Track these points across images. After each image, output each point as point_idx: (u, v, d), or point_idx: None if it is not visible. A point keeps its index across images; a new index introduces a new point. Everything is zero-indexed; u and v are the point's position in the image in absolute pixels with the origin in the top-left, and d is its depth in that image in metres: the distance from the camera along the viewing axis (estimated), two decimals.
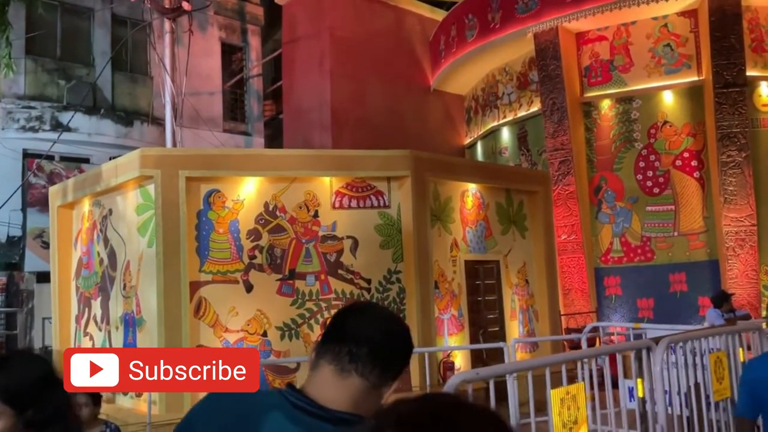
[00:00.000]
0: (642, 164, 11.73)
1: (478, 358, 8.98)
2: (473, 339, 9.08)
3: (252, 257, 7.59)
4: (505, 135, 14.13)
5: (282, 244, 7.71)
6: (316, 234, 7.84)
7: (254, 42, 16.49)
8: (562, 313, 11.53)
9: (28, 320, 11.14)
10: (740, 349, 4.47)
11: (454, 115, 16.07)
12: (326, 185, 7.99)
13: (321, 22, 13.82)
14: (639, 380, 3.87)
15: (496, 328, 9.46)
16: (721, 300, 7.67)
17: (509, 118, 13.90)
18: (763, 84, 11.30)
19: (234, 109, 16.38)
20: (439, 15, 15.39)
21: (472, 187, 9.38)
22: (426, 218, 8.29)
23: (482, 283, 9.49)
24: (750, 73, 11.06)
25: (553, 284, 10.20)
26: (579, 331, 10.19)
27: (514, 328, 9.67)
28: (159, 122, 13.73)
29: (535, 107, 12.96)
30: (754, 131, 11.08)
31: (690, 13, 11.38)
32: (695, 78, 11.36)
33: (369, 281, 7.94)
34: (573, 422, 3.30)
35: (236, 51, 16.51)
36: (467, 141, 15.93)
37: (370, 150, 8.72)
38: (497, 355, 9.07)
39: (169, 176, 7.24)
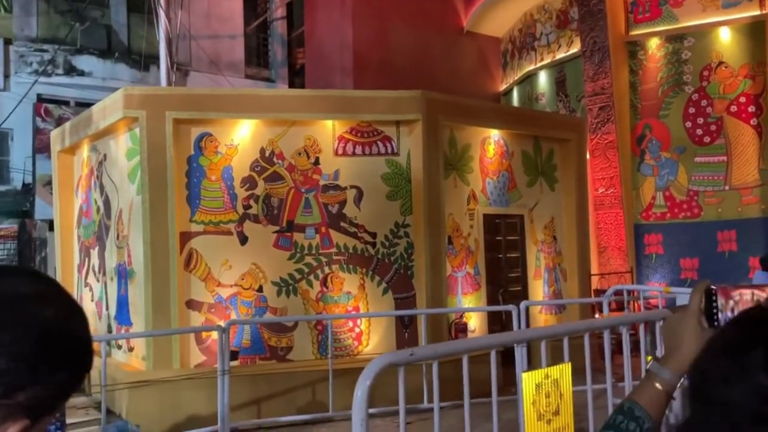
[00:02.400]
0: (692, 110, 10.57)
1: (496, 319, 8.33)
2: (491, 299, 8.40)
3: (247, 207, 7.04)
4: (543, 80, 13.04)
5: (279, 193, 7.12)
6: (316, 183, 7.21)
7: None
8: (594, 272, 10.71)
9: (42, 269, 11.02)
10: None
11: (489, 60, 14.99)
12: (328, 130, 7.31)
13: None
14: (649, 358, 3.13)
15: (518, 288, 8.73)
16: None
17: (547, 60, 12.80)
18: None
19: (258, 55, 15.72)
20: None
21: (494, 134, 8.53)
22: (439, 167, 7.54)
23: (504, 239, 8.73)
24: None
25: (584, 241, 9.34)
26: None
27: (539, 288, 8.92)
28: (180, 67, 13.20)
29: (575, 48, 11.83)
30: None
31: None
32: (757, 12, 10.02)
33: (374, 235, 7.31)
34: (553, 413, 2.62)
35: None
36: (503, 87, 14.88)
37: (376, 90, 7.95)
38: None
39: (154, 118, 6.69)
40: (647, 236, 10.95)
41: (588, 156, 11.11)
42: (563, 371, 2.66)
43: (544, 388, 2.54)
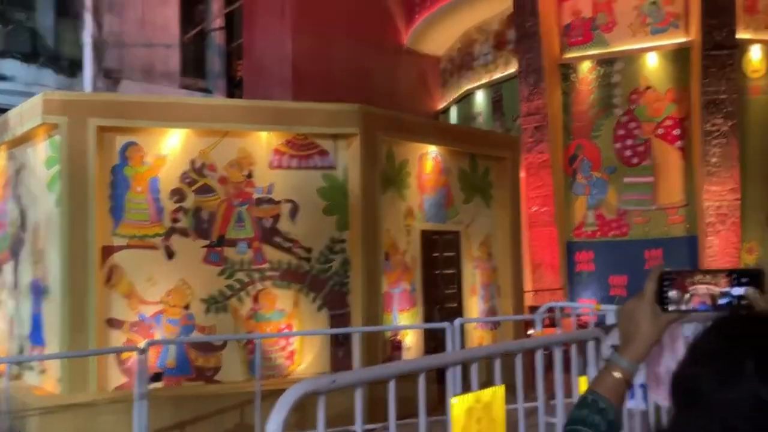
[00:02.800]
0: (621, 132, 10.94)
1: (432, 336, 8.26)
2: (427, 315, 8.34)
3: (175, 220, 6.73)
4: (480, 99, 13.26)
5: (210, 206, 6.85)
6: (250, 196, 6.98)
7: None
8: (530, 289, 10.86)
9: None
10: None
11: (429, 78, 15.15)
12: (263, 142, 7.11)
13: None
14: (582, 378, 3.10)
15: (454, 305, 8.72)
16: None
17: (485, 80, 13.02)
18: (754, 48, 10.48)
19: (195, 65, 15.32)
20: None
21: (432, 150, 8.53)
22: (376, 182, 7.45)
23: (440, 256, 8.71)
24: (741, 35, 10.22)
25: (517, 258, 9.44)
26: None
27: (474, 305, 8.94)
28: (110, 75, 12.67)
29: (512, 69, 12.07)
30: (742, 99, 10.29)
31: None
32: (682, 39, 10.51)
33: (309, 250, 7.13)
34: None
35: (197, 2, 15.37)
36: (442, 105, 15.04)
37: (312, 103, 7.83)
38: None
39: (76, 124, 6.32)
40: (579, 254, 11.21)
41: (523, 174, 11.32)
42: (495, 394, 2.57)
43: (475, 413, 2.45)
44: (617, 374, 1.16)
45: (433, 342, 8.27)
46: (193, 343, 6.61)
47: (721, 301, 1.10)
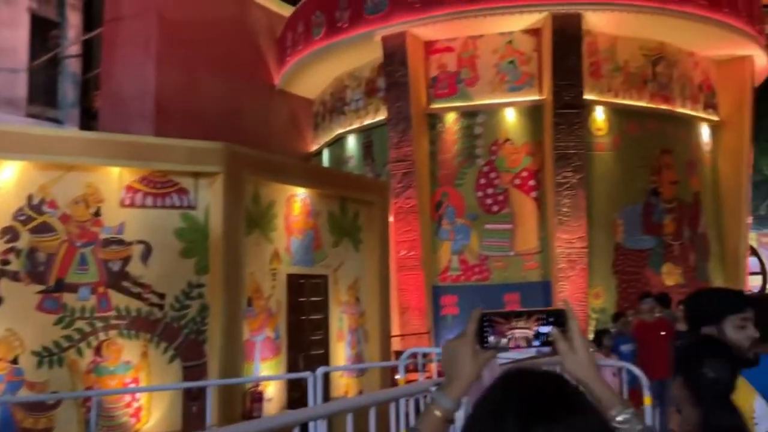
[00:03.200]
0: (483, 181, 11.46)
1: (295, 386, 7.92)
2: (292, 363, 8.01)
3: (5, 262, 5.95)
4: (351, 143, 13.37)
5: (48, 247, 6.15)
6: (96, 236, 6.36)
7: (73, 18, 14.35)
8: (398, 333, 10.86)
9: None
10: None
11: (302, 120, 15.08)
12: (114, 178, 6.55)
13: (148, 0, 12.20)
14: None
15: (321, 351, 8.47)
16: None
17: (356, 125, 13.17)
18: (598, 109, 11.51)
19: (45, 93, 14.10)
20: (287, 11, 14.38)
21: (300, 192, 8.36)
22: (240, 223, 7.12)
23: (307, 300, 8.47)
24: (587, 96, 11.20)
25: (385, 302, 9.43)
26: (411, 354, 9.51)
27: (341, 351, 8.74)
28: None
29: (382, 116, 12.31)
30: (588, 154, 11.21)
31: (534, 32, 11.35)
32: (536, 97, 11.32)
33: (163, 296, 6.59)
34: None
35: (51, 26, 14.28)
36: (314, 148, 14.99)
37: (171, 138, 7.41)
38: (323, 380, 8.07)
39: None
40: (444, 297, 11.45)
41: (392, 219, 11.47)
42: None
43: None
44: (437, 413, 1.17)
45: (297, 392, 7.92)
46: (20, 402, 5.78)
47: (535, 342, 1.16)
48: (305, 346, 8.29)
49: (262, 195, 7.73)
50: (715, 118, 13.06)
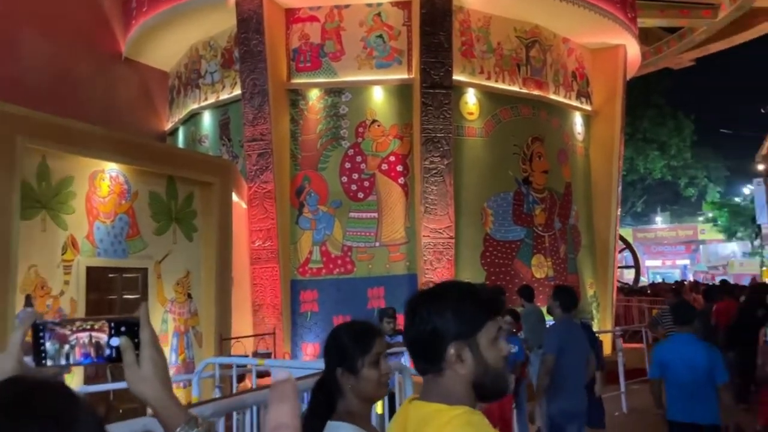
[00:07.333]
0: (348, 165, 10.47)
1: (100, 400, 6.56)
2: (94, 374, 6.63)
3: None
4: (207, 121, 11.96)
5: None
6: None
7: None
8: (251, 333, 9.68)
9: None
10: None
11: (155, 94, 13.43)
12: None
13: None
14: None
15: None
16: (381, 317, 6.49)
17: (211, 100, 11.77)
18: (470, 91, 10.84)
19: None
20: None
21: (111, 168, 6.97)
22: (13, 203, 5.66)
23: (119, 299, 7.10)
24: (458, 77, 10.49)
25: (224, 299, 8.21)
26: (259, 355, 8.37)
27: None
28: None
29: (239, 90, 11.00)
30: (458, 139, 10.51)
31: (404, 5, 10.48)
32: (405, 75, 10.46)
33: None
34: None
35: None
36: (169, 126, 13.41)
37: None
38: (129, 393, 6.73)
39: None
40: (303, 293, 10.37)
41: (245, 205, 10.23)
42: None
43: None
44: None
45: (103, 407, 6.59)
46: None
47: (107, 352, 1.06)
48: None
49: (53, 169, 6.29)
50: (588, 107, 12.84)
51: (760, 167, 36.39)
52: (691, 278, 35.87)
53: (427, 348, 1.46)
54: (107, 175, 6.90)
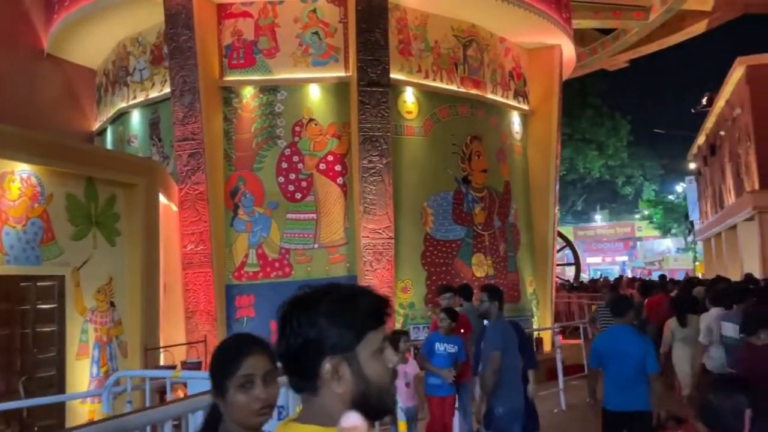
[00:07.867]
0: (285, 165, 10.17)
1: (14, 417, 6.10)
2: (6, 392, 6.16)
3: None
4: (136, 120, 11.44)
5: None
6: None
7: None
8: (184, 341, 9.26)
9: None
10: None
11: (82, 92, 12.79)
12: None
13: None
14: None
15: (51, 373, 6.68)
16: None
17: (140, 99, 11.26)
18: (408, 90, 10.73)
19: None
20: None
21: (22, 169, 6.50)
22: None
23: (32, 309, 6.62)
24: (396, 75, 10.36)
25: (151, 307, 7.80)
26: (187, 365, 8.01)
27: (84, 370, 6.99)
28: None
29: (169, 88, 10.54)
30: (396, 138, 10.37)
31: (340, 1, 10.27)
32: (342, 73, 10.25)
33: None
34: None
35: None
36: (97, 126, 12.78)
37: None
38: (55, 412, 6.34)
39: None
40: (239, 298, 10.01)
41: (176, 208, 9.81)
42: None
43: None
44: None
45: (19, 425, 6.13)
46: None
47: None
48: (28, 368, 6.45)
49: None
50: (525, 107, 12.94)
51: (692, 165, 37.94)
52: (629, 274, 37.03)
53: (299, 363, 1.26)
54: (17, 177, 6.43)
